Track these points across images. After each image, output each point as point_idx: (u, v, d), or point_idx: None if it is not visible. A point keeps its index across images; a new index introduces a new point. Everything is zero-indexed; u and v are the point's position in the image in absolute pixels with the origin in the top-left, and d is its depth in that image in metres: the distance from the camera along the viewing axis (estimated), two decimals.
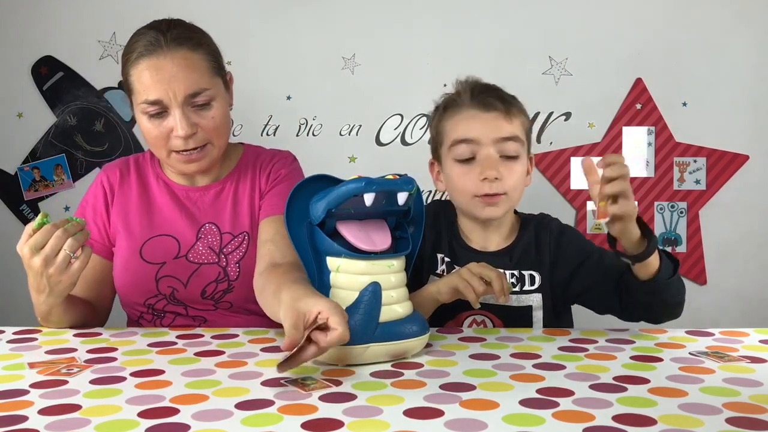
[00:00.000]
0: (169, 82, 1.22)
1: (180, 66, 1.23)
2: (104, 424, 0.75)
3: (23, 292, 2.45)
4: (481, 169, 1.24)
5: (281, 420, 0.76)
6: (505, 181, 1.24)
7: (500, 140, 1.24)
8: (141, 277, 1.31)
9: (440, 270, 1.31)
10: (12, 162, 2.30)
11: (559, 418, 0.76)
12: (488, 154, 1.24)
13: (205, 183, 1.38)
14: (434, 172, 1.37)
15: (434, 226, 1.34)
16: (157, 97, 1.23)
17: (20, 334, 1.16)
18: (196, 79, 1.24)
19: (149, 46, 1.24)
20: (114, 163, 1.43)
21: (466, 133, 1.25)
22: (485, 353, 1.03)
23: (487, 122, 1.25)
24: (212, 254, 1.32)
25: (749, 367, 0.96)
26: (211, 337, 1.13)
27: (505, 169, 1.24)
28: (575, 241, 1.30)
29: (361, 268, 0.98)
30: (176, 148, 1.27)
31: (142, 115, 1.26)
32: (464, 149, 1.25)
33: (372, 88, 2.28)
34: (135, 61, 1.24)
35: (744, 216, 2.28)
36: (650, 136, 2.28)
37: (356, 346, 0.94)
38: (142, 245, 1.32)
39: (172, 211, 1.35)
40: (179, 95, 1.23)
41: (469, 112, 1.27)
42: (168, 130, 1.25)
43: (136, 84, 1.25)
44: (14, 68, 2.29)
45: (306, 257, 1.03)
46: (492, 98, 1.27)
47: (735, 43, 2.26)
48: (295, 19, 2.26)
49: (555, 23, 2.26)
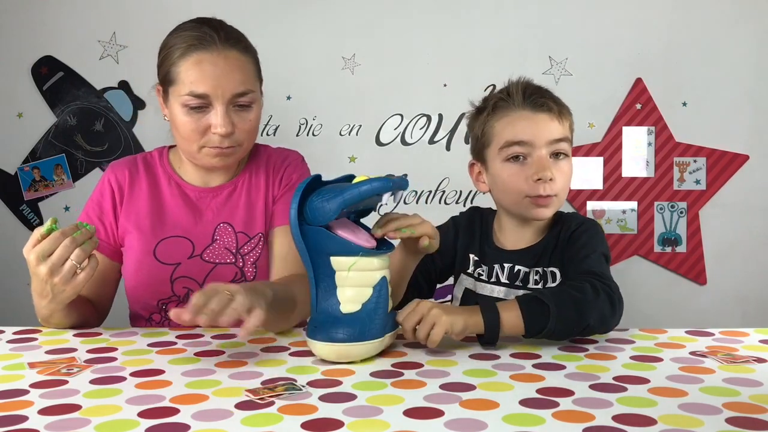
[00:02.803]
0: (219, 78, 1.24)
1: (231, 65, 1.25)
2: (104, 424, 0.75)
3: (23, 292, 2.46)
4: (536, 170, 1.23)
5: (281, 420, 0.76)
6: (557, 183, 1.24)
7: (553, 142, 1.24)
8: (155, 278, 1.30)
9: (471, 269, 1.34)
10: (12, 162, 2.30)
11: (559, 418, 0.76)
12: (542, 156, 1.24)
13: (218, 183, 1.38)
14: (474, 174, 1.36)
15: (469, 229, 1.36)
16: (204, 91, 1.24)
17: (20, 334, 1.16)
18: (243, 80, 1.26)
19: (202, 40, 1.25)
20: (121, 161, 1.41)
21: (520, 134, 1.24)
22: (485, 353, 1.03)
23: (540, 124, 1.24)
24: (229, 254, 1.32)
25: (749, 367, 0.95)
26: (211, 337, 1.13)
27: (556, 170, 1.24)
28: (585, 234, 1.28)
29: (375, 265, 1.00)
30: (211, 144, 1.27)
31: (181, 107, 1.26)
32: (517, 150, 1.24)
33: (372, 88, 2.28)
34: (185, 54, 1.25)
35: (744, 216, 2.28)
36: (650, 136, 2.28)
37: (381, 338, 0.99)
38: (155, 246, 1.31)
39: (183, 213, 1.34)
40: (227, 93, 1.24)
41: (521, 113, 1.26)
42: (206, 126, 1.26)
43: (182, 75, 1.25)
44: (14, 68, 2.29)
45: (305, 260, 1.02)
46: (545, 99, 1.26)
47: (735, 43, 2.26)
48: (295, 19, 2.27)
49: (555, 23, 2.27)
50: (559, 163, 1.25)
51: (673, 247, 2.29)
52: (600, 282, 1.08)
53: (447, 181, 2.30)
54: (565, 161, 1.26)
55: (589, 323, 1.05)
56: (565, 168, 1.26)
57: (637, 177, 2.28)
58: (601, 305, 1.06)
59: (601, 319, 1.07)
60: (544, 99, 1.25)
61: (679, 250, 2.29)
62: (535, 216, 1.26)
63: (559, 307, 1.03)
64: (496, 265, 1.30)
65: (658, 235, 2.30)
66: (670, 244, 2.29)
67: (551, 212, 1.26)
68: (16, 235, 2.29)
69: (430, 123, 2.30)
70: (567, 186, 1.27)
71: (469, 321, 1.02)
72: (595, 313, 1.06)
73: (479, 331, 1.03)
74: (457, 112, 2.29)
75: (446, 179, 2.30)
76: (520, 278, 1.28)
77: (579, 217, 1.32)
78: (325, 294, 0.99)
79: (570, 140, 1.27)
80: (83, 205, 1.41)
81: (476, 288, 1.31)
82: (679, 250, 2.29)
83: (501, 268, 1.29)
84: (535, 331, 1.04)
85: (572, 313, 1.04)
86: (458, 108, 2.29)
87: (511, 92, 1.28)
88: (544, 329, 1.03)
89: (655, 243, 2.30)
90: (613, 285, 1.09)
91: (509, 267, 1.29)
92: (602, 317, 1.07)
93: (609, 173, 2.29)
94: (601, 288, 1.07)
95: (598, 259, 1.17)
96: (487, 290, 1.30)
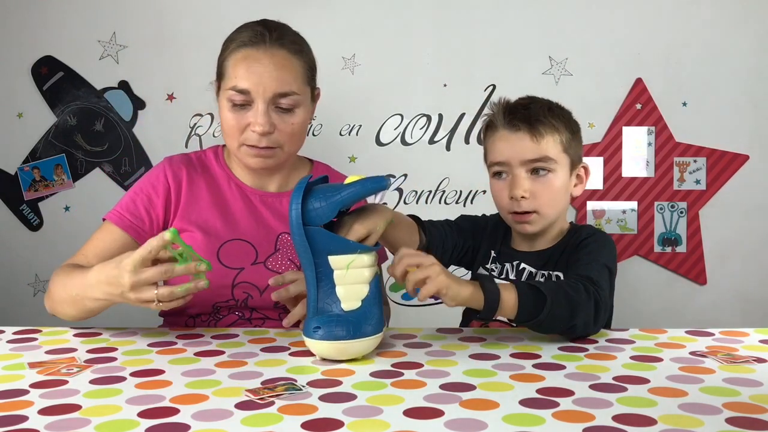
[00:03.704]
0: (261, 75, 1.25)
1: (277, 64, 1.26)
2: (104, 424, 0.75)
3: (23, 292, 2.46)
4: (509, 188, 1.27)
5: (281, 420, 0.76)
6: (537, 199, 1.25)
7: (528, 161, 1.25)
8: (218, 281, 1.27)
9: (489, 265, 1.37)
10: (12, 162, 2.30)
11: (559, 418, 0.76)
12: (516, 174, 1.26)
13: (275, 189, 1.38)
14: None
15: (497, 228, 1.39)
16: (246, 87, 1.25)
17: (20, 334, 1.16)
18: (288, 81, 1.27)
19: (253, 38, 1.27)
20: (177, 158, 1.39)
21: (499, 155, 1.28)
22: (485, 353, 1.03)
23: (514, 144, 1.26)
24: (293, 266, 1.32)
25: (749, 367, 0.96)
26: (211, 337, 1.13)
27: (536, 186, 1.25)
28: (593, 244, 1.28)
29: (368, 262, 1.00)
30: (249, 142, 1.28)
31: (227, 102, 1.28)
32: (497, 169, 1.29)
33: (372, 88, 2.28)
34: (236, 49, 1.28)
35: (744, 216, 2.28)
36: (650, 136, 2.28)
37: (379, 334, 1.01)
38: (219, 248, 1.30)
39: (248, 217, 1.34)
40: (268, 91, 1.25)
41: (500, 133, 1.28)
42: (246, 123, 1.27)
43: (229, 70, 1.28)
44: (14, 68, 2.29)
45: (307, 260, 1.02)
46: (518, 120, 1.26)
47: (735, 43, 2.26)
48: (295, 19, 2.25)
49: (555, 23, 2.26)
50: (541, 180, 1.26)
51: (673, 247, 2.29)
52: (593, 287, 1.09)
53: (447, 181, 2.29)
54: (549, 176, 1.26)
55: (575, 323, 1.07)
56: (550, 183, 1.26)
57: (637, 177, 2.28)
58: (589, 309, 1.07)
59: (585, 323, 1.08)
60: (517, 120, 1.26)
61: (679, 250, 2.29)
62: (519, 230, 1.30)
63: (554, 301, 1.03)
64: (507, 264, 1.33)
65: (658, 235, 2.30)
66: (670, 244, 2.29)
67: (535, 228, 1.28)
68: (16, 235, 2.29)
69: (430, 123, 2.30)
70: (553, 201, 1.27)
71: (464, 291, 1.02)
72: (583, 316, 1.07)
73: (475, 304, 1.03)
74: (457, 112, 2.29)
75: (446, 179, 2.29)
76: (525, 277, 1.30)
77: (592, 229, 1.33)
78: (323, 293, 0.99)
79: (553, 157, 1.26)
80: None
81: None
82: (679, 250, 2.29)
83: (511, 266, 1.32)
84: (525, 318, 1.05)
85: (564, 310, 1.05)
86: (458, 108, 2.29)
87: (495, 112, 1.30)
88: (533, 319, 1.04)
89: (655, 243, 2.30)
90: (603, 295, 1.10)
91: (517, 264, 1.31)
92: (586, 322, 1.08)
93: (609, 173, 2.29)
94: (593, 293, 1.08)
95: (599, 269, 1.17)
96: None
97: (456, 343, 1.08)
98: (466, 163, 2.27)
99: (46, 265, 1.26)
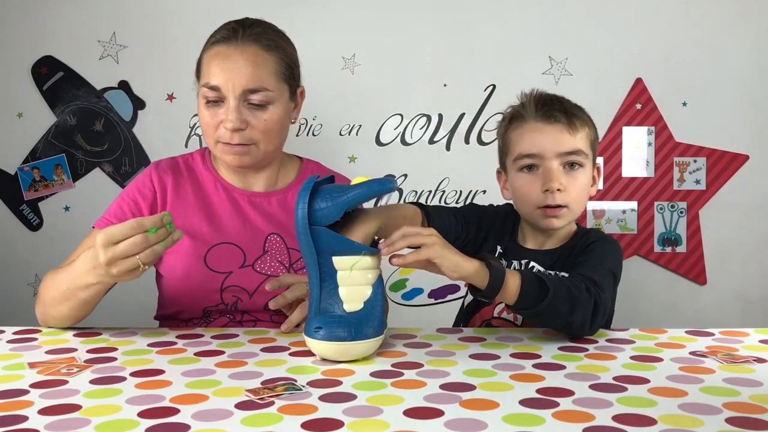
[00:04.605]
0: (231, 71, 1.25)
1: (247, 60, 1.26)
2: (104, 424, 0.75)
3: (23, 292, 2.46)
4: (543, 181, 1.23)
5: (281, 420, 0.76)
6: (568, 193, 1.23)
7: (563, 154, 1.24)
8: (206, 286, 1.28)
9: None
10: (12, 162, 2.30)
11: (559, 418, 0.76)
12: (551, 167, 1.23)
13: (261, 189, 1.37)
14: (501, 181, 1.36)
15: (504, 222, 1.36)
16: (216, 84, 1.26)
17: (20, 334, 1.16)
18: (258, 77, 1.26)
19: (226, 35, 1.28)
20: (164, 162, 1.39)
21: (530, 146, 1.25)
22: (485, 353, 1.03)
23: (550, 135, 1.24)
24: (282, 268, 1.31)
25: (749, 367, 0.95)
26: (211, 337, 1.13)
27: (568, 180, 1.24)
28: (601, 248, 1.27)
29: (372, 264, 1.00)
30: (223, 139, 1.28)
31: (202, 99, 1.29)
32: (528, 162, 1.25)
33: (372, 88, 2.28)
34: (209, 47, 1.30)
35: (744, 216, 2.28)
36: (650, 136, 2.28)
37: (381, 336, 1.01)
38: (206, 252, 1.29)
39: (235, 220, 1.33)
40: (238, 87, 1.25)
41: (533, 125, 1.26)
42: (219, 120, 1.27)
43: (204, 67, 1.29)
44: (14, 68, 2.29)
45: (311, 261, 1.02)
46: (555, 111, 1.25)
47: (735, 43, 2.26)
48: (295, 19, 2.27)
49: (555, 23, 2.27)
50: (573, 174, 1.24)
51: (673, 247, 2.29)
52: (595, 289, 1.09)
53: (447, 181, 2.30)
54: (580, 171, 1.25)
55: (572, 320, 1.06)
56: (580, 178, 1.25)
57: (637, 177, 2.28)
58: (588, 309, 1.07)
59: (582, 322, 1.08)
60: (554, 111, 1.24)
61: (679, 250, 2.29)
62: (546, 226, 1.26)
63: (555, 293, 1.03)
64: (514, 261, 1.31)
65: (658, 235, 2.30)
66: (670, 244, 2.29)
67: (562, 223, 1.26)
68: (16, 235, 2.29)
69: (430, 123, 2.30)
70: (581, 197, 1.26)
71: (469, 265, 1.01)
72: (581, 314, 1.06)
73: (478, 281, 1.02)
74: (457, 112, 2.29)
75: (446, 179, 2.30)
76: None
77: (601, 233, 1.32)
78: (326, 293, 0.99)
79: (585, 152, 1.25)
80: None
81: None
82: (679, 250, 2.29)
83: (519, 264, 1.30)
84: (525, 306, 1.04)
85: (564, 305, 1.05)
86: (458, 108, 2.29)
87: (525, 103, 1.28)
88: (531, 309, 1.04)
89: (655, 243, 2.30)
90: (604, 298, 1.10)
91: (525, 263, 1.30)
92: (583, 320, 1.08)
93: (609, 173, 2.29)
94: (594, 294, 1.08)
95: (603, 272, 1.16)
96: None
97: (456, 343, 1.08)
98: (466, 163, 2.28)
99: (46, 265, 1.26)
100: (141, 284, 1.44)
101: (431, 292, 2.32)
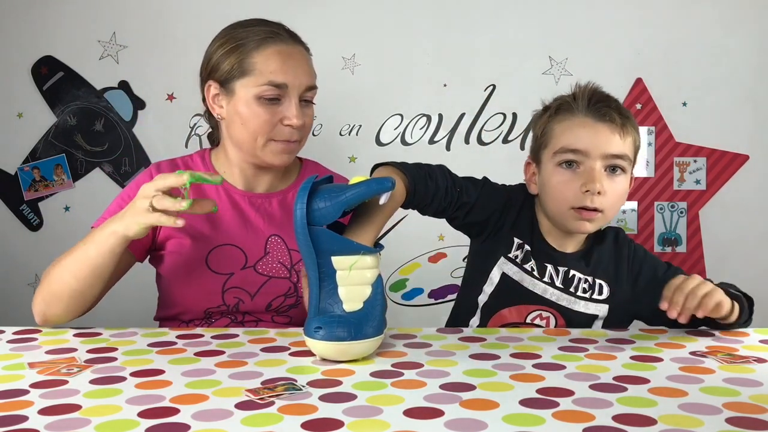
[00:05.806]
0: (296, 69, 1.27)
1: (304, 58, 1.30)
2: (104, 424, 0.75)
3: (23, 292, 2.46)
4: (585, 180, 1.17)
5: (281, 420, 0.76)
6: (607, 198, 1.18)
7: (609, 156, 1.18)
8: (207, 287, 1.28)
9: (513, 255, 1.26)
10: (12, 162, 2.30)
11: (559, 418, 0.76)
12: (594, 167, 1.17)
13: (262, 190, 1.36)
14: (529, 173, 1.29)
15: (521, 213, 1.28)
16: (284, 81, 1.25)
17: (20, 334, 1.16)
18: (313, 74, 1.31)
19: (274, 34, 1.28)
20: (164, 164, 1.37)
21: (576, 141, 1.18)
22: (485, 353, 1.03)
23: (600, 134, 1.18)
24: (283, 269, 1.31)
25: (749, 367, 0.96)
26: (211, 337, 1.13)
27: (608, 184, 1.18)
28: (651, 261, 1.28)
29: (371, 263, 1.00)
30: (280, 137, 1.27)
31: (255, 98, 1.25)
32: (570, 157, 1.19)
33: (372, 88, 2.28)
34: (261, 45, 1.26)
35: (744, 216, 2.28)
36: (650, 136, 2.28)
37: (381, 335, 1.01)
38: (207, 254, 1.29)
39: (236, 221, 1.32)
40: (303, 85, 1.27)
41: (582, 119, 1.20)
42: (279, 118, 1.27)
43: (260, 66, 1.25)
44: (14, 68, 2.29)
45: (311, 260, 1.02)
46: (610, 109, 1.19)
47: (735, 43, 2.26)
48: (295, 19, 2.25)
49: (555, 23, 2.27)
50: (614, 178, 1.19)
51: (673, 247, 2.29)
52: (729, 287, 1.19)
53: None
54: (621, 177, 1.20)
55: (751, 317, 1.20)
56: (621, 184, 1.20)
57: (637, 177, 2.28)
58: None
59: None
60: (608, 109, 1.19)
61: (679, 250, 2.29)
62: (575, 229, 1.21)
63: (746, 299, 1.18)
64: (549, 265, 1.25)
65: (658, 235, 2.30)
66: (670, 244, 2.29)
67: (593, 228, 1.21)
68: (16, 235, 2.29)
69: (430, 123, 2.30)
70: (617, 204, 1.21)
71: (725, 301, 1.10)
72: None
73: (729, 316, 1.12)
74: (457, 112, 2.29)
75: None
76: (576, 285, 1.25)
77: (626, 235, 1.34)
78: (326, 293, 0.99)
79: (630, 158, 1.21)
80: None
81: (522, 281, 1.24)
82: (679, 250, 2.29)
83: (555, 270, 1.25)
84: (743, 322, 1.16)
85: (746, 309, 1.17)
86: (458, 108, 2.29)
87: (576, 96, 1.23)
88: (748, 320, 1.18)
89: (655, 243, 2.30)
90: None
91: (564, 271, 1.25)
92: None
93: None
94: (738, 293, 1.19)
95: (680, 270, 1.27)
96: (539, 289, 1.24)
97: (456, 343, 1.08)
98: (466, 164, 2.27)
99: (46, 265, 1.26)
100: (141, 284, 1.45)
101: (431, 292, 2.32)
